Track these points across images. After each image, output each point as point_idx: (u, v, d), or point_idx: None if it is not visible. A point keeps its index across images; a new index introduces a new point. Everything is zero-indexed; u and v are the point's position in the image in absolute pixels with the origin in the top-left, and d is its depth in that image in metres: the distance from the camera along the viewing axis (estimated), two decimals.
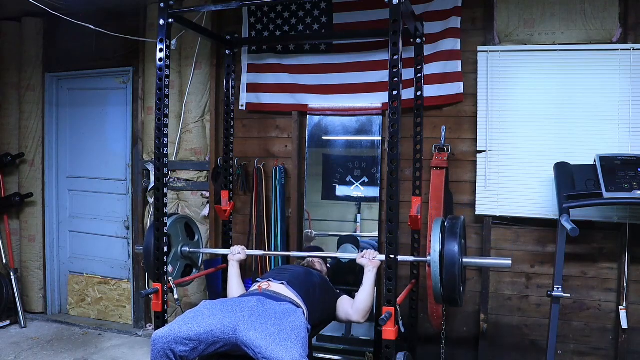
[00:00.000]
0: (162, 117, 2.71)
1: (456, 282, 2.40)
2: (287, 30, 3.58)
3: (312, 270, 2.75)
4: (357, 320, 2.58)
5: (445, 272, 2.40)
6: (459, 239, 2.42)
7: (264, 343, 1.98)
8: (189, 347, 2.06)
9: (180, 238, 3.02)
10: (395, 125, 2.23)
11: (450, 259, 2.38)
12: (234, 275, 2.86)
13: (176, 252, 2.96)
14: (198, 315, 2.15)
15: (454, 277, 2.39)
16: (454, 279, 2.39)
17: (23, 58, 4.38)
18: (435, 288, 2.45)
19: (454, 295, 2.44)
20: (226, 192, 3.41)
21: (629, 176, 2.54)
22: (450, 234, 2.44)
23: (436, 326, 3.25)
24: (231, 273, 2.87)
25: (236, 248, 2.93)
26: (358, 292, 2.58)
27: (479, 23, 3.22)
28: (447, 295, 2.45)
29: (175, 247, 2.95)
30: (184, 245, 3.04)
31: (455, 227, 2.47)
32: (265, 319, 2.13)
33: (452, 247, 2.40)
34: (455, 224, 2.49)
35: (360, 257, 2.61)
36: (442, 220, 2.55)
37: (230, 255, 2.92)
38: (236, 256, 2.90)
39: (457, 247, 2.40)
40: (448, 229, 2.47)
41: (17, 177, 4.49)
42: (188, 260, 3.07)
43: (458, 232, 2.44)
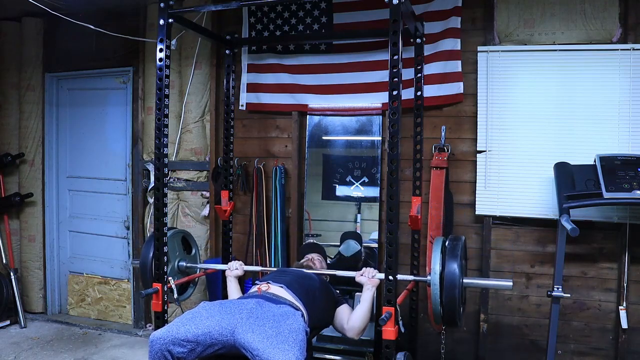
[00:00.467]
0: (162, 117, 2.71)
1: (456, 304, 2.38)
2: (287, 30, 3.58)
3: (311, 275, 2.71)
4: (351, 337, 2.54)
5: (445, 294, 2.38)
6: (459, 260, 2.40)
7: (262, 345, 1.96)
8: (186, 348, 2.04)
9: (177, 253, 2.98)
10: (395, 125, 2.23)
11: (451, 281, 2.36)
12: (234, 290, 2.84)
13: (173, 267, 2.92)
14: (196, 316, 2.13)
15: (454, 299, 2.37)
16: (454, 301, 2.37)
17: (23, 58, 4.38)
18: (435, 309, 2.44)
19: (453, 317, 2.42)
20: (226, 192, 3.41)
21: (629, 176, 2.54)
22: (451, 255, 2.42)
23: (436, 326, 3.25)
24: (231, 289, 2.85)
25: (234, 264, 2.90)
26: (355, 310, 2.56)
27: (479, 23, 3.22)
28: (447, 317, 2.43)
29: (172, 262, 2.91)
30: (181, 260, 2.99)
31: (456, 248, 2.45)
32: (264, 321, 2.11)
33: (453, 268, 2.37)
34: (456, 245, 2.47)
35: (359, 275, 2.58)
36: (442, 240, 2.54)
37: (228, 271, 2.89)
38: (234, 272, 2.87)
39: (457, 268, 2.38)
40: (449, 250, 2.45)
41: (17, 177, 4.49)
42: (185, 275, 3.01)
43: (459, 253, 2.42)
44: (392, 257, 2.24)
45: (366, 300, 2.51)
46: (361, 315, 2.50)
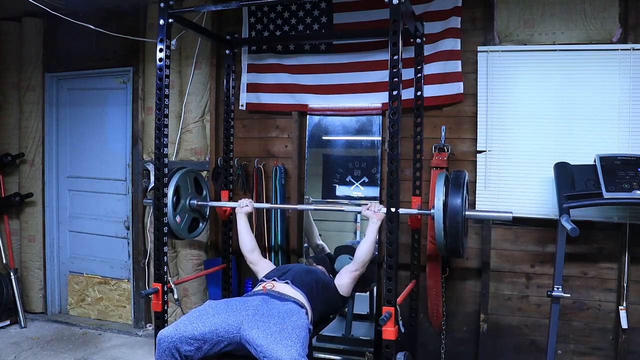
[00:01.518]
0: (162, 117, 2.71)
1: (459, 232, 2.46)
2: (287, 30, 3.58)
3: (313, 268, 2.76)
4: (356, 269, 2.67)
5: (448, 222, 2.46)
6: (462, 191, 2.48)
7: (265, 342, 2.00)
8: (194, 346, 2.08)
9: (189, 191, 3.13)
10: (395, 125, 2.23)
11: (454, 210, 2.45)
12: (243, 227, 2.99)
13: (184, 205, 3.07)
14: (203, 314, 2.17)
15: (456, 226, 2.45)
16: (457, 229, 2.45)
17: (23, 58, 4.38)
18: (438, 238, 2.52)
19: (456, 245, 2.51)
20: (226, 192, 3.41)
21: (629, 176, 2.54)
22: (454, 186, 2.50)
23: (436, 326, 3.25)
24: (240, 225, 3.00)
25: (244, 201, 3.06)
26: (361, 243, 2.69)
27: (479, 23, 3.22)
28: (450, 245, 2.52)
29: (183, 200, 3.06)
30: (192, 199, 3.13)
31: (459, 179, 2.54)
32: (269, 318, 2.15)
33: (456, 198, 2.47)
34: (459, 175, 2.57)
35: (366, 209, 2.70)
36: (445, 173, 2.63)
37: (238, 208, 3.05)
38: (244, 209, 3.03)
39: (460, 199, 2.46)
40: (452, 180, 2.54)
41: (17, 177, 4.49)
42: (196, 213, 3.19)
43: (462, 184, 2.51)
44: (392, 257, 2.25)
45: (371, 233, 2.66)
46: (367, 248, 2.66)
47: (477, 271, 3.25)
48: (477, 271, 3.25)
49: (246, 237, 2.97)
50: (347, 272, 2.71)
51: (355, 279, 2.70)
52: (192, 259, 3.85)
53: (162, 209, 2.74)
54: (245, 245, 2.95)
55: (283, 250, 3.62)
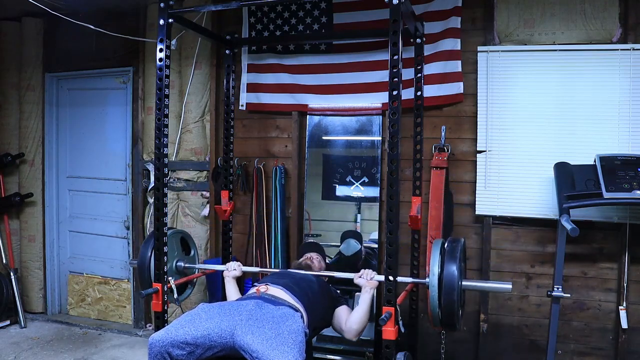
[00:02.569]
0: (162, 117, 2.71)
1: (454, 307, 2.36)
2: (287, 30, 3.58)
3: (310, 276, 2.70)
4: (349, 338, 2.53)
5: (443, 297, 2.36)
6: (458, 262, 2.38)
7: (261, 347, 1.95)
8: (185, 351, 2.03)
9: (176, 253, 2.98)
10: (395, 125, 2.23)
11: (449, 284, 2.34)
12: (232, 291, 2.83)
13: (171, 268, 2.91)
14: (195, 318, 2.12)
15: (452, 302, 2.35)
16: (453, 304, 2.35)
17: (23, 58, 4.38)
18: (433, 312, 2.42)
19: (452, 320, 2.40)
20: (226, 192, 3.41)
21: (629, 176, 2.54)
22: (450, 257, 2.39)
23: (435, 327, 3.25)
24: (229, 290, 2.84)
25: (232, 264, 2.90)
26: (353, 311, 2.55)
27: (479, 23, 3.22)
28: (445, 320, 2.41)
29: (170, 262, 2.89)
30: (179, 260, 2.98)
31: (455, 250, 2.42)
32: (263, 322, 2.09)
33: (452, 271, 2.35)
34: (456, 247, 2.45)
35: (358, 277, 2.57)
36: (442, 242, 2.52)
37: (226, 272, 2.88)
38: (232, 272, 2.86)
39: (456, 271, 2.35)
40: (448, 252, 2.43)
41: (17, 177, 4.49)
42: (183, 275, 3.00)
43: (458, 255, 2.40)
44: (392, 257, 2.24)
45: (364, 302, 2.50)
46: (359, 317, 2.48)
47: (477, 271, 3.25)
48: (477, 271, 3.25)
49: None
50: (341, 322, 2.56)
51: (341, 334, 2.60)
52: None
53: (162, 209, 2.74)
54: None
55: (283, 251, 3.62)
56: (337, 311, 2.62)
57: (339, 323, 2.58)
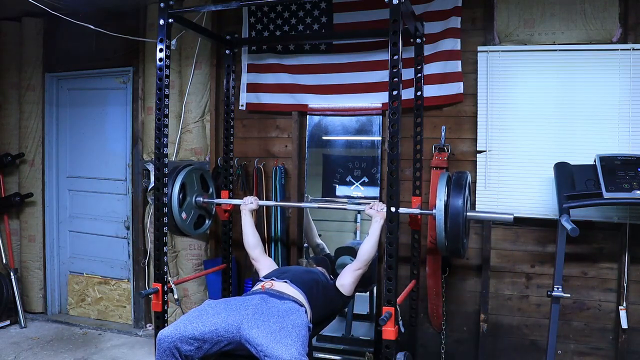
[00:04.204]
0: (162, 117, 2.71)
1: (460, 232, 2.46)
2: (287, 30, 3.58)
3: (313, 269, 2.76)
4: (359, 267, 2.65)
5: (449, 223, 2.46)
6: (464, 191, 2.48)
7: (265, 341, 2.01)
8: (194, 346, 2.08)
9: (196, 188, 3.14)
10: (395, 125, 2.23)
11: (455, 210, 2.45)
12: (248, 224, 2.98)
13: (190, 202, 3.10)
14: (203, 314, 2.17)
15: (457, 227, 2.45)
16: (458, 229, 2.45)
17: (23, 58, 4.38)
18: (439, 238, 2.52)
19: (457, 246, 2.51)
20: (226, 192, 3.41)
21: (629, 176, 2.54)
22: (456, 186, 2.50)
23: (436, 326, 3.25)
24: (245, 222, 2.99)
25: (249, 198, 3.05)
26: (364, 242, 2.68)
27: (479, 23, 3.22)
28: (451, 246, 2.52)
29: (190, 197, 3.09)
30: (198, 196, 3.15)
31: (461, 180, 2.54)
32: (268, 316, 2.15)
33: (457, 199, 2.46)
34: (461, 176, 2.57)
35: (369, 208, 2.71)
36: (448, 174, 2.63)
37: (243, 205, 3.04)
38: (248, 206, 3.03)
39: (461, 199, 2.46)
40: (454, 181, 2.54)
41: (17, 177, 4.49)
42: (202, 210, 3.21)
43: (464, 184, 2.51)
44: (392, 257, 2.25)
45: (374, 231, 2.65)
46: (370, 247, 2.64)
47: (477, 271, 3.25)
48: (477, 271, 3.25)
49: (250, 234, 2.97)
50: (350, 270, 2.69)
51: (358, 277, 2.69)
52: (192, 259, 3.85)
53: (162, 209, 2.74)
54: (249, 242, 2.96)
55: (283, 250, 3.62)
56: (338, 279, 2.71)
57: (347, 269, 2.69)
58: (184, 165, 3.13)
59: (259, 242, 2.98)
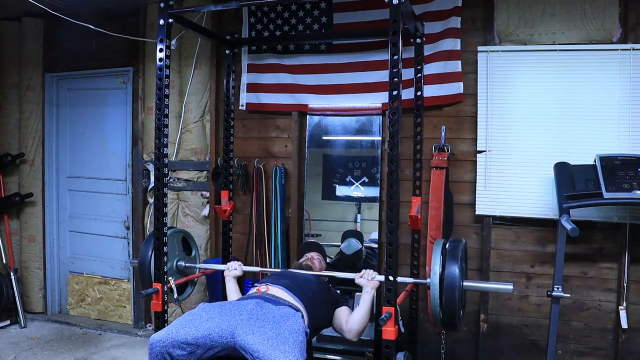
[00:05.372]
0: (162, 117, 2.71)
1: (456, 307, 2.35)
2: (287, 30, 3.57)
3: (310, 276, 2.70)
4: (349, 338, 2.52)
5: (445, 297, 2.36)
6: (460, 262, 2.38)
7: (262, 347, 1.95)
8: (186, 351, 2.02)
9: (177, 252, 2.97)
10: (395, 125, 2.23)
11: (451, 284, 2.34)
12: (232, 290, 2.82)
13: (172, 267, 2.90)
14: (196, 318, 2.11)
15: (453, 302, 2.34)
16: (454, 304, 2.35)
17: (23, 58, 4.38)
18: (434, 312, 2.42)
19: (453, 320, 2.40)
20: (226, 192, 3.41)
21: (629, 176, 2.54)
22: (451, 257, 2.39)
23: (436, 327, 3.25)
24: (229, 289, 2.82)
25: (233, 264, 2.88)
26: (354, 311, 2.54)
27: (479, 23, 3.22)
28: (446, 320, 2.41)
29: (171, 262, 2.89)
30: (180, 260, 2.97)
31: (457, 250, 2.42)
32: (264, 322, 2.09)
33: (453, 270, 2.35)
34: (457, 247, 2.45)
35: (359, 277, 2.56)
36: (443, 242, 2.52)
37: (227, 272, 2.87)
38: (232, 272, 2.85)
39: (457, 270, 2.35)
40: (449, 252, 2.43)
41: (17, 177, 4.49)
42: (183, 275, 3.00)
43: (459, 255, 2.40)
44: (392, 257, 2.24)
45: (365, 302, 2.49)
46: (360, 318, 2.47)
47: (477, 271, 3.25)
48: (477, 271, 3.25)
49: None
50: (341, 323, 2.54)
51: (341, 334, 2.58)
52: None
53: (162, 209, 2.74)
54: None
55: (283, 251, 3.62)
56: (337, 312, 2.61)
57: (339, 323, 2.57)
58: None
59: None
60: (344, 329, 2.53)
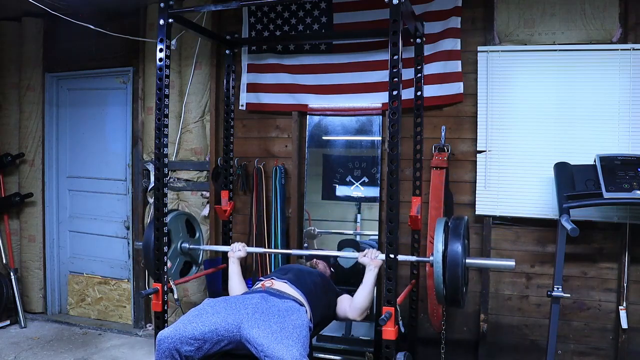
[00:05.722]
0: (162, 117, 2.71)
1: (459, 283, 2.36)
2: (287, 30, 3.58)
3: (313, 270, 2.75)
4: (354, 318, 2.57)
5: (448, 273, 2.36)
6: (462, 239, 2.38)
7: (266, 341, 2.00)
8: (194, 346, 2.07)
9: (181, 234, 3.00)
10: (395, 125, 2.23)
11: (453, 260, 2.34)
12: (235, 272, 2.82)
13: (176, 248, 2.93)
14: (202, 313, 2.16)
15: (456, 278, 2.35)
16: (457, 280, 2.35)
17: (23, 58, 4.38)
18: (437, 289, 2.42)
19: (456, 297, 2.40)
20: (226, 192, 3.41)
21: (629, 176, 2.54)
22: (454, 234, 2.39)
23: (436, 326, 3.25)
24: (232, 270, 2.83)
25: (237, 245, 2.89)
26: (357, 290, 2.57)
27: (479, 23, 3.22)
28: (450, 296, 2.42)
29: (175, 243, 2.93)
30: (184, 242, 3.01)
31: (459, 227, 2.43)
32: (269, 316, 2.14)
33: (456, 247, 2.35)
34: (459, 224, 2.45)
35: (362, 256, 2.59)
36: (445, 220, 2.52)
37: (231, 253, 2.89)
38: (237, 253, 2.86)
39: (460, 247, 2.35)
40: (451, 229, 2.43)
41: (17, 177, 4.49)
42: (188, 257, 3.05)
43: (462, 232, 2.41)
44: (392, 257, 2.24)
45: (368, 280, 2.53)
46: (364, 296, 2.52)
47: (477, 271, 3.25)
48: (477, 271, 3.25)
49: (236, 285, 2.78)
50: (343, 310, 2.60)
51: (346, 319, 2.64)
52: None
53: (162, 209, 2.74)
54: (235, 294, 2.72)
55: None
56: (339, 299, 2.66)
57: (343, 307, 2.61)
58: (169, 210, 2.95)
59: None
60: (348, 310, 2.58)
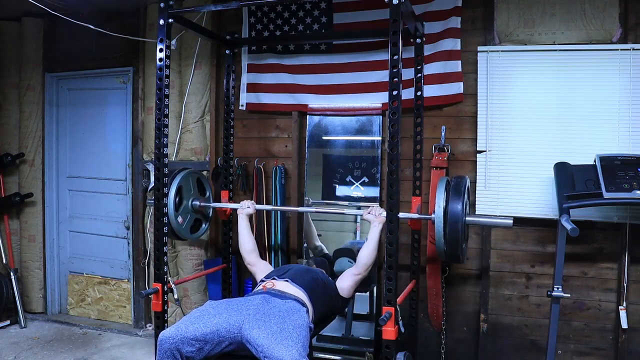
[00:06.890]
0: (162, 117, 2.71)
1: (459, 238, 2.46)
2: (287, 30, 3.58)
3: (313, 268, 2.76)
4: (359, 272, 2.64)
5: (448, 228, 2.46)
6: (462, 197, 2.48)
7: (266, 342, 2.01)
8: (195, 347, 2.08)
9: (192, 192, 3.12)
10: (395, 125, 2.23)
11: (454, 216, 2.45)
12: (244, 227, 2.98)
13: (187, 205, 3.08)
14: (204, 314, 2.17)
15: (456, 232, 2.45)
16: (457, 235, 2.46)
17: (23, 58, 4.38)
18: (438, 244, 2.53)
19: (455, 252, 2.51)
20: (226, 192, 3.41)
21: (629, 176, 2.54)
22: (455, 192, 2.50)
23: (436, 326, 3.25)
24: (241, 226, 2.99)
25: (246, 202, 3.05)
26: (362, 248, 2.66)
27: (479, 23, 3.22)
28: (450, 251, 2.52)
29: (186, 200, 3.07)
30: (195, 199, 3.13)
31: (460, 185, 2.54)
32: (270, 317, 2.15)
33: (456, 204, 2.46)
34: (460, 182, 2.56)
35: (367, 213, 2.69)
36: (447, 179, 2.62)
37: (240, 209, 3.04)
38: (245, 210, 3.03)
39: (460, 205, 2.46)
40: (453, 187, 2.53)
41: (17, 177, 4.49)
42: (198, 214, 3.20)
43: (462, 190, 2.51)
44: (392, 257, 2.25)
45: (373, 236, 2.64)
46: (369, 252, 2.62)
47: (477, 271, 3.25)
48: (477, 271, 3.25)
49: (246, 239, 2.97)
50: (349, 275, 2.69)
51: (357, 282, 2.68)
52: (192, 259, 3.85)
53: (163, 209, 2.74)
54: (245, 247, 2.95)
55: (283, 251, 3.62)
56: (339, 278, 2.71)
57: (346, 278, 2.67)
58: (180, 168, 3.11)
59: (255, 247, 2.97)
60: (352, 271, 2.67)
